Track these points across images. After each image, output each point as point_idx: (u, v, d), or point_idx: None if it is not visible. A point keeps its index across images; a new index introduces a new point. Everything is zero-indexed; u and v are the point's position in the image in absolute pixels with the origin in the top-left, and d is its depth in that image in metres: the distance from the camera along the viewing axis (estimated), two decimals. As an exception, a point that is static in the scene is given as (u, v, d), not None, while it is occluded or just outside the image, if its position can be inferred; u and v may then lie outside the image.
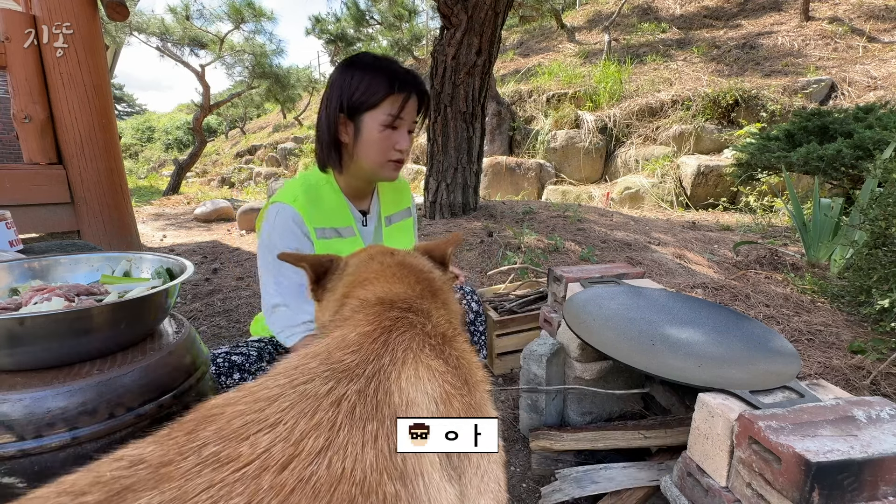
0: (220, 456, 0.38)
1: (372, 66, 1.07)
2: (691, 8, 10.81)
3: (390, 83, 1.05)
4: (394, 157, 1.12)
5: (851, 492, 0.69)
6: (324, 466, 0.39)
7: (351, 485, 0.38)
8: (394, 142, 1.10)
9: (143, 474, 0.37)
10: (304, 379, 0.47)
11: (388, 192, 1.32)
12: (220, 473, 0.37)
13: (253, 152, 15.80)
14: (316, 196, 1.15)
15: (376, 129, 1.07)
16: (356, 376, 0.49)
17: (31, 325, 0.71)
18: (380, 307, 0.62)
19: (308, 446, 0.40)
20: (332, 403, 0.44)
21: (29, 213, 2.94)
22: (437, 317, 0.64)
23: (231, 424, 0.42)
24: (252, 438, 0.40)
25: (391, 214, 1.30)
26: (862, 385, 1.51)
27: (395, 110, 1.07)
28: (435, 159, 4.03)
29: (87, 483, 0.36)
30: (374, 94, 1.05)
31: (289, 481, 0.37)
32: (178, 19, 10.65)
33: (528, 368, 1.39)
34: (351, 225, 1.19)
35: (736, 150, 5.42)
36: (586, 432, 1.24)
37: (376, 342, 0.54)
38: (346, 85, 1.06)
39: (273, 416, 0.42)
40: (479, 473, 0.51)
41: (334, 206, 1.17)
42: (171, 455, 0.38)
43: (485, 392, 0.59)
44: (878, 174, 2.35)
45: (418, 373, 0.52)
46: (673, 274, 2.94)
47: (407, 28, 14.28)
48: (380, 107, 1.06)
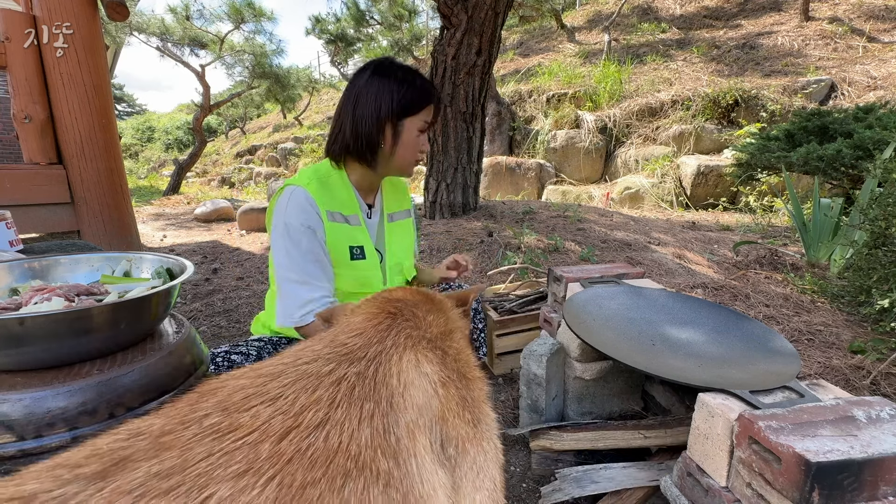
0: (221, 426, 0.39)
1: (411, 77, 1.19)
2: (691, 8, 10.81)
3: (430, 94, 1.20)
4: (418, 157, 1.25)
5: (851, 492, 0.69)
6: (321, 439, 0.40)
7: (346, 458, 0.40)
8: (422, 144, 1.23)
9: (143, 445, 0.37)
10: (307, 359, 0.49)
11: (390, 191, 1.40)
12: (220, 443, 0.37)
13: (253, 152, 15.80)
14: (328, 184, 1.23)
15: (414, 133, 1.20)
16: (357, 359, 0.50)
17: (31, 325, 0.71)
18: (386, 300, 0.64)
19: (307, 420, 0.41)
20: (333, 382, 0.46)
21: (29, 213, 2.94)
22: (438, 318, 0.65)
23: (233, 397, 0.43)
24: (253, 410, 0.41)
25: (393, 212, 1.38)
26: (862, 385, 1.51)
27: (430, 117, 1.22)
28: (435, 159, 4.03)
29: (83, 456, 0.36)
30: (420, 103, 1.18)
31: (287, 451, 0.38)
32: (178, 19, 10.65)
33: (528, 368, 1.39)
34: (357, 214, 1.26)
35: (736, 150, 5.42)
36: (586, 432, 1.24)
37: (381, 325, 0.56)
38: (395, 92, 1.16)
39: (275, 391, 0.43)
40: (474, 469, 0.52)
41: (343, 194, 1.24)
42: (173, 425, 0.39)
43: (481, 390, 0.60)
44: (878, 174, 2.35)
45: (418, 357, 0.54)
46: (673, 274, 2.94)
47: (407, 28, 14.28)
48: (420, 114, 1.19)
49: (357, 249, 1.23)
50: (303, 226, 1.12)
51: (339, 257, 1.20)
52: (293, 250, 1.12)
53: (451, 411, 0.52)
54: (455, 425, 0.51)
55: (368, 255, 1.25)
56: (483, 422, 0.56)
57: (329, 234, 1.18)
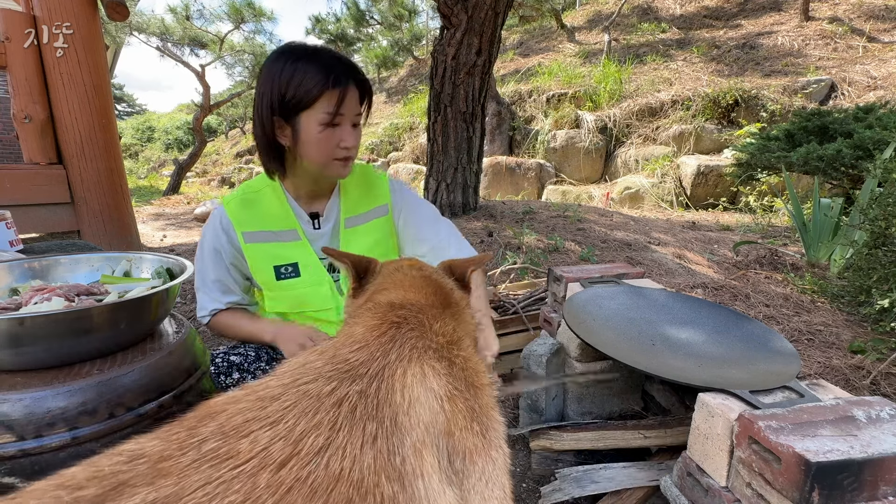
0: (220, 452, 0.38)
1: (302, 62, 0.97)
2: (691, 8, 10.80)
3: (324, 78, 0.95)
4: (339, 156, 1.05)
5: (851, 492, 0.69)
6: (322, 466, 0.39)
7: (349, 486, 0.38)
8: (337, 139, 1.02)
9: (142, 469, 0.36)
10: (307, 378, 0.47)
11: (354, 191, 1.21)
12: (217, 470, 0.37)
13: (253, 152, 15.78)
14: (253, 201, 1.14)
15: (315, 130, 0.99)
16: (359, 376, 0.48)
17: (31, 325, 0.71)
18: (388, 307, 0.62)
19: (307, 445, 0.40)
20: (334, 404, 0.44)
21: (29, 213, 2.94)
22: (445, 322, 0.64)
23: (232, 421, 0.41)
24: (252, 436, 0.40)
25: (354, 215, 1.20)
26: (862, 385, 1.51)
27: (332, 108, 0.98)
28: (435, 159, 4.03)
29: (85, 477, 0.36)
30: (308, 93, 0.96)
31: (286, 480, 0.37)
32: (178, 19, 10.66)
33: (528, 368, 1.39)
34: (294, 228, 1.14)
35: (736, 150, 5.42)
36: (586, 432, 1.24)
37: (383, 336, 0.54)
38: (276, 83, 0.97)
39: (274, 415, 0.42)
40: (483, 479, 0.50)
41: (274, 211, 1.14)
42: (171, 450, 0.38)
43: (490, 397, 0.58)
44: (878, 174, 2.35)
45: (424, 370, 0.52)
46: (673, 274, 2.94)
47: (407, 28, 14.28)
48: (315, 105, 0.97)
49: (286, 268, 1.12)
50: (211, 247, 1.14)
51: (264, 279, 1.13)
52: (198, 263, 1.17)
53: (458, 425, 0.50)
54: (462, 438, 0.50)
55: (305, 272, 1.13)
56: (491, 429, 0.55)
57: (249, 257, 1.13)
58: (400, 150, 9.96)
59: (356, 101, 1.04)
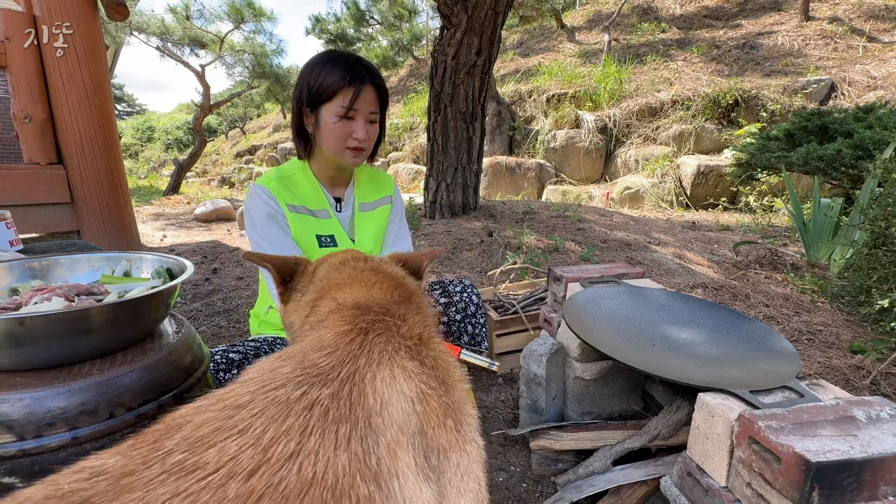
0: (186, 464, 0.37)
1: (330, 63, 1.17)
2: (691, 8, 10.81)
3: (343, 77, 1.15)
4: (351, 145, 1.21)
5: (851, 492, 0.69)
6: (294, 472, 0.38)
7: (322, 489, 0.38)
8: (350, 130, 1.19)
9: (103, 486, 0.35)
10: (275, 385, 0.46)
11: (367, 184, 1.42)
12: (184, 482, 0.35)
13: (253, 152, 15.80)
14: (289, 181, 1.28)
15: (331, 119, 1.18)
16: (330, 380, 0.48)
17: (31, 325, 0.71)
18: (356, 310, 0.62)
19: (277, 452, 0.39)
20: (305, 408, 0.43)
21: (29, 213, 2.94)
22: (412, 321, 0.64)
23: (198, 432, 0.40)
24: (219, 445, 0.39)
25: (367, 202, 1.40)
26: (862, 385, 1.51)
27: (347, 102, 1.16)
28: (435, 159, 4.03)
29: (42, 497, 0.34)
30: (328, 87, 1.16)
31: (257, 488, 0.36)
32: (178, 19, 10.65)
33: (528, 368, 1.39)
34: (326, 208, 1.30)
35: (736, 150, 5.42)
36: (586, 432, 1.24)
37: (353, 343, 0.54)
38: (307, 79, 1.18)
39: (242, 423, 0.41)
40: (458, 473, 0.51)
41: (308, 190, 1.29)
42: (135, 465, 0.37)
43: (462, 391, 0.59)
44: (878, 174, 2.34)
45: (394, 373, 0.52)
46: (673, 274, 2.94)
47: (407, 28, 14.28)
48: (334, 99, 1.16)
49: (326, 238, 1.28)
50: (264, 214, 1.21)
51: (306, 247, 1.25)
52: (261, 240, 1.21)
53: (432, 423, 0.50)
54: (437, 436, 0.50)
55: (341, 243, 1.29)
56: (465, 423, 0.55)
57: (293, 225, 1.24)
58: (400, 149, 9.96)
59: (372, 100, 1.20)
